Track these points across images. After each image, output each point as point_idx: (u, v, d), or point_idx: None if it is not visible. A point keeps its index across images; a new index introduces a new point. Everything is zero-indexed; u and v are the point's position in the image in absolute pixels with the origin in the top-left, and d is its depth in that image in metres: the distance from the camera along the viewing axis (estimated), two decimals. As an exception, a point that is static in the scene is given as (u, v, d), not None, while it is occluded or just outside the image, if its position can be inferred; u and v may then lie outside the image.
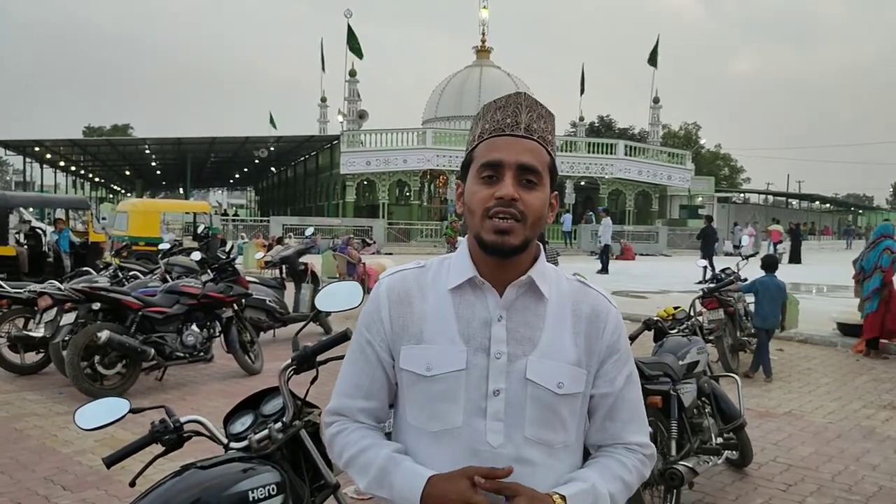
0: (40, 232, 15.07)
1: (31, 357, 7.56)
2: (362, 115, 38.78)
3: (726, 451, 4.75)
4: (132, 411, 2.18)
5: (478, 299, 1.41)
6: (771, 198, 68.25)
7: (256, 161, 47.70)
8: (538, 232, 1.41)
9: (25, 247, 13.76)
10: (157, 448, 2.26)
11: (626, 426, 1.48)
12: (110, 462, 2.14)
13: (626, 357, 1.50)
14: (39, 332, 7.18)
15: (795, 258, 27.77)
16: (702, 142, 65.83)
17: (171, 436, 2.23)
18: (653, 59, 41.59)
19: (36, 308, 7.23)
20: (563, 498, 1.33)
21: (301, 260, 10.77)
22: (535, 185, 1.38)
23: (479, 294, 1.41)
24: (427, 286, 1.46)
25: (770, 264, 8.19)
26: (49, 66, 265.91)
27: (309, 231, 15.17)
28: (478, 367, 1.37)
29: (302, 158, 50.01)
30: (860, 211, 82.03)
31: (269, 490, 2.20)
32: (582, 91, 44.75)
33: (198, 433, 2.34)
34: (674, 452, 4.19)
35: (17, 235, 14.54)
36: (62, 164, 50.94)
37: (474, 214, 1.38)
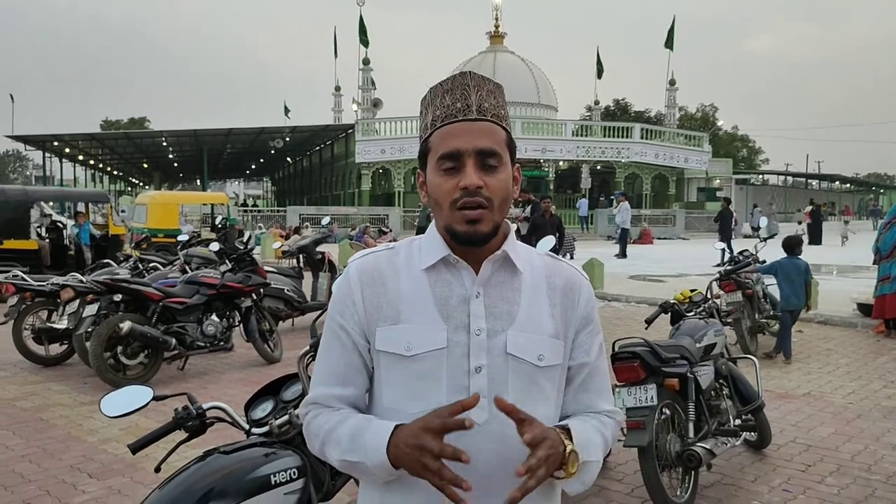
0: (61, 225, 15.25)
1: (56, 348, 7.69)
2: (377, 104, 38.77)
3: (744, 433, 4.76)
4: (156, 398, 2.22)
5: (454, 277, 1.40)
6: (790, 179, 67.52)
7: (272, 151, 47.87)
8: (507, 212, 1.41)
9: (47, 240, 13.93)
10: (181, 435, 2.31)
11: (598, 395, 1.51)
12: (136, 448, 2.19)
13: (598, 327, 1.53)
14: (63, 324, 7.30)
15: (815, 239, 27.49)
16: (719, 123, 65.18)
17: (194, 422, 2.27)
18: (669, 42, 41.15)
19: (59, 300, 7.36)
20: (566, 431, 1.35)
21: (318, 249, 10.82)
22: (497, 168, 1.37)
23: (455, 272, 1.41)
24: (400, 267, 1.43)
25: (790, 245, 8.05)
26: (65, 61, 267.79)
27: (325, 220, 15.27)
28: (459, 345, 1.37)
29: (317, 148, 50.10)
30: (881, 190, 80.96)
31: (290, 474, 2.25)
32: (599, 75, 44.22)
33: (220, 419, 2.39)
34: (691, 434, 4.20)
35: (38, 229, 14.72)
36: (81, 158, 51.37)
37: (441, 207, 1.37)
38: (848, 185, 73.52)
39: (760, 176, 64.72)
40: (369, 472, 1.34)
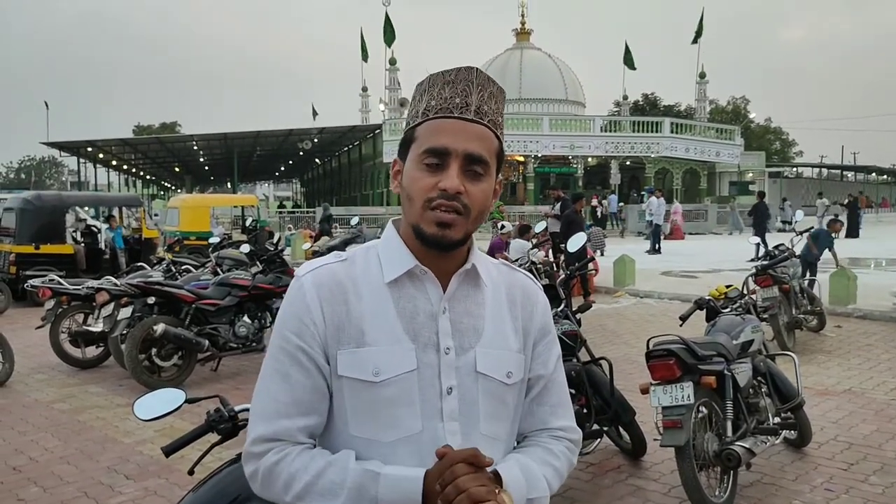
0: (96, 230, 15.48)
1: (92, 351, 7.79)
2: (403, 104, 38.84)
3: (784, 431, 4.66)
4: (188, 401, 2.21)
5: (419, 291, 1.29)
6: (825, 171, 66.27)
7: (300, 153, 48.24)
8: (480, 224, 1.30)
9: (82, 244, 14.15)
10: (214, 437, 2.30)
11: (553, 410, 1.42)
12: (168, 451, 2.18)
13: (555, 338, 1.45)
14: (98, 327, 7.39)
15: (853, 232, 26.92)
16: (751, 116, 64.22)
17: (226, 424, 2.26)
18: (697, 35, 40.63)
19: (94, 304, 7.45)
20: (495, 474, 1.24)
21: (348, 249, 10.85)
22: (482, 176, 1.26)
23: (419, 285, 1.30)
24: (359, 280, 1.30)
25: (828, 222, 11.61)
26: (96, 67, 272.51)
27: (354, 220, 15.33)
28: (429, 366, 1.27)
29: (345, 149, 50.37)
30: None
31: (323, 476, 2.22)
32: (631, 65, 43.53)
33: (252, 421, 2.38)
34: (730, 433, 4.12)
35: (73, 234, 14.96)
36: (114, 163, 52.22)
37: (413, 203, 1.26)
38: (885, 176, 71.94)
39: (794, 169, 63.62)
40: None
